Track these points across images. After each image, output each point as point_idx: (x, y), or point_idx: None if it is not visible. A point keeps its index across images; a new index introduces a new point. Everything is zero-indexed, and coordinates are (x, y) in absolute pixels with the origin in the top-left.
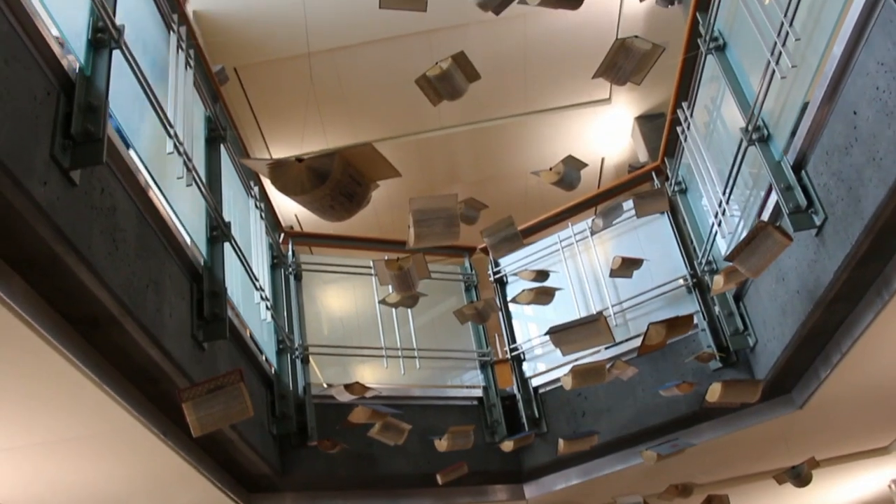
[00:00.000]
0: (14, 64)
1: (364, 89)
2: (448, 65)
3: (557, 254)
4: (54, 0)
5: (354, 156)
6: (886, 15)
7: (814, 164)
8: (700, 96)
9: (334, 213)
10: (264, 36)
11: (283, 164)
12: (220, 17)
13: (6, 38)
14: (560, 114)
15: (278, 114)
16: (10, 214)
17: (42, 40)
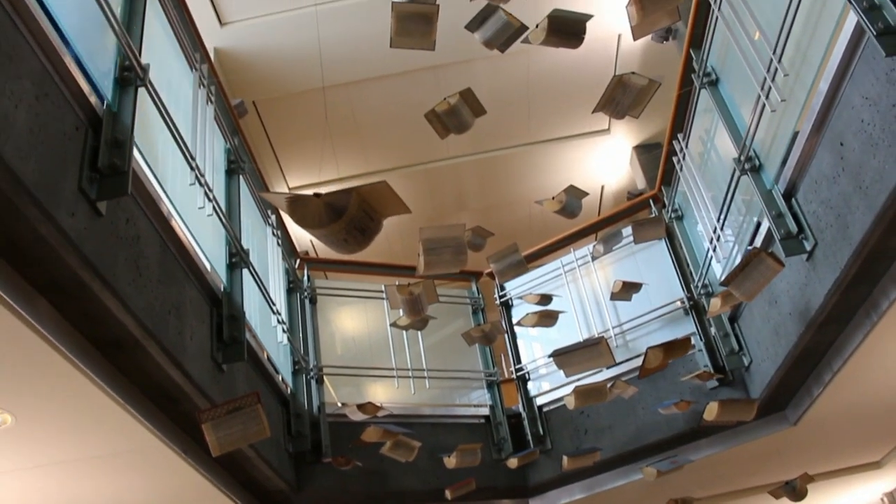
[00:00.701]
0: (45, 101)
1: (376, 121)
2: (455, 100)
3: (560, 278)
4: (84, 40)
5: (370, 192)
6: (869, 52)
7: (803, 192)
8: (694, 128)
9: (347, 247)
10: (281, 71)
11: (301, 198)
12: (239, 54)
13: (38, 77)
14: (561, 144)
15: (294, 145)
16: (40, 243)
17: (72, 78)
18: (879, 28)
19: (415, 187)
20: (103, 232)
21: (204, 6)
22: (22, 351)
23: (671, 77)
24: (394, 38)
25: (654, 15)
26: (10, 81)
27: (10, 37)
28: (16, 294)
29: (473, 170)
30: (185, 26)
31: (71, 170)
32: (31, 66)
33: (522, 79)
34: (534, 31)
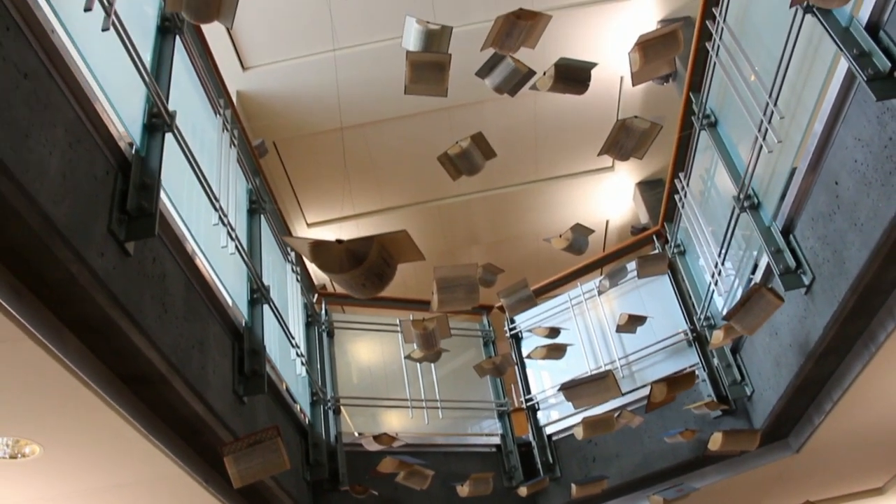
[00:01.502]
0: (77, 147)
1: (391, 160)
2: (467, 144)
3: (568, 311)
4: (115, 88)
5: (390, 241)
6: (860, 96)
7: (801, 228)
8: (695, 167)
9: (364, 291)
10: (300, 113)
11: (323, 244)
12: (261, 96)
13: (72, 124)
14: (568, 181)
15: (313, 182)
16: (71, 283)
17: (103, 125)
18: (870, 74)
19: (428, 223)
20: (131, 271)
21: (227, 51)
22: (51, 385)
23: (672, 117)
24: (408, 86)
25: (654, 63)
26: (45, 129)
27: (45, 86)
28: (47, 331)
29: (484, 206)
30: (209, 73)
31: (101, 212)
32: (65, 113)
33: (530, 119)
34: (541, 78)
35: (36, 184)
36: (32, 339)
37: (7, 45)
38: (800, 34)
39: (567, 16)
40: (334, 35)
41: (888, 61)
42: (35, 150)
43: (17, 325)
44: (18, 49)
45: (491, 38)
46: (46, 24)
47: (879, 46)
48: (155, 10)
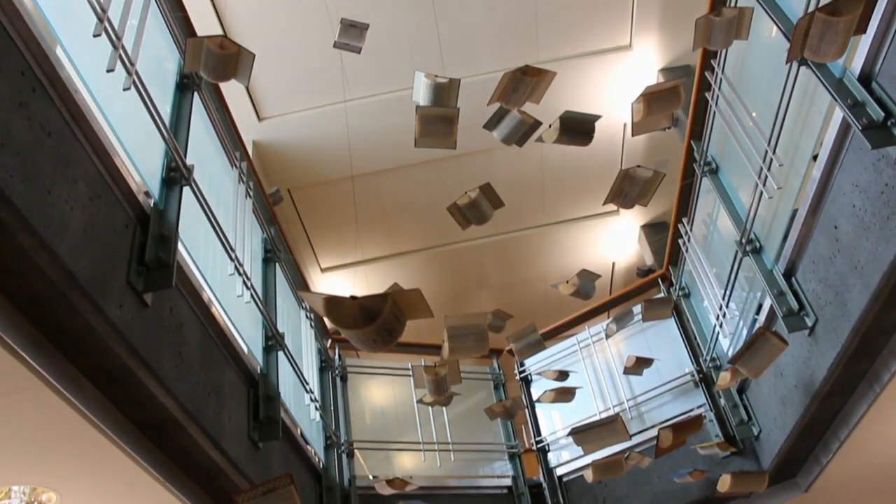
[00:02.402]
0: (98, 202)
1: (401, 206)
2: (476, 194)
3: (576, 354)
4: (135, 144)
5: (403, 298)
6: (856, 143)
7: (802, 271)
8: (698, 211)
9: (374, 346)
10: (314, 161)
11: (337, 300)
12: (276, 146)
13: (93, 179)
14: (574, 224)
15: (326, 228)
16: (90, 333)
17: (123, 180)
18: (864, 123)
19: (437, 267)
20: (149, 321)
21: (244, 103)
22: (68, 432)
23: (674, 161)
24: (418, 139)
25: (656, 115)
26: (67, 185)
27: (68, 143)
28: (64, 380)
29: (492, 250)
30: (226, 127)
31: (120, 264)
32: (87, 169)
33: (537, 165)
34: (546, 130)
35: (57, 238)
36: (50, 387)
37: (33, 105)
38: (795, 84)
39: (571, 65)
40: (346, 86)
41: (881, 111)
42: (57, 205)
43: (36, 374)
44: (43, 108)
45: (497, 93)
46: (70, 85)
47: (872, 96)
48: (175, 66)
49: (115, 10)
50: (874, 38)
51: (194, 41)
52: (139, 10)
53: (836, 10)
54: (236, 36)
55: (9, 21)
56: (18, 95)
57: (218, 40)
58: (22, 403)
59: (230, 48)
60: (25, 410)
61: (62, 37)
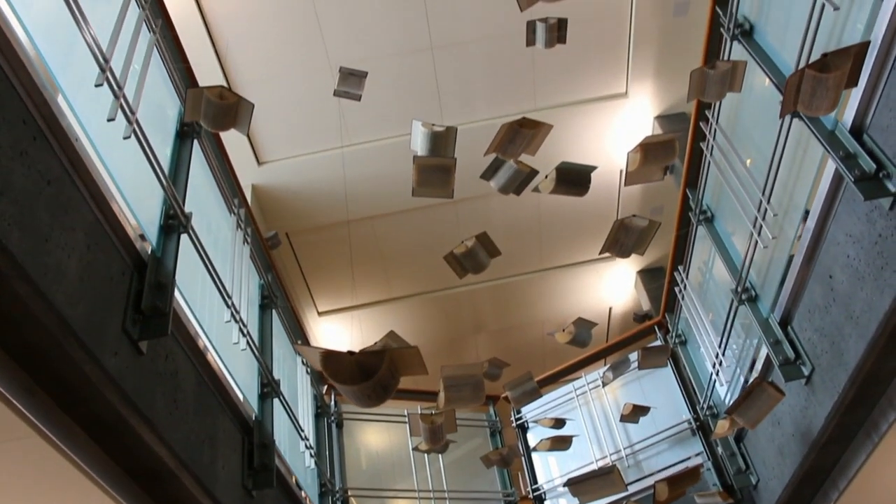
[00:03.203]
0: (95, 249)
1: (398, 251)
2: (472, 243)
3: (573, 401)
4: (133, 192)
5: (400, 356)
6: (849, 194)
7: (798, 320)
8: (694, 259)
9: (369, 402)
10: (312, 206)
11: (334, 355)
12: (274, 190)
13: (91, 227)
14: (571, 270)
15: (323, 272)
16: (84, 382)
17: (120, 227)
18: (856, 175)
19: (434, 312)
20: (143, 369)
21: (243, 147)
22: (61, 482)
23: (671, 206)
24: (415, 189)
25: (650, 166)
26: (65, 233)
27: (67, 191)
28: (57, 428)
29: (489, 295)
30: (225, 174)
31: (116, 312)
32: (85, 216)
33: (534, 210)
34: (543, 181)
35: (53, 286)
36: (42, 436)
37: (33, 153)
38: (789, 135)
39: (568, 112)
40: (345, 132)
41: (873, 163)
42: (54, 253)
43: (28, 423)
44: (43, 157)
45: (494, 144)
46: (71, 133)
47: (864, 148)
48: (175, 113)
49: (117, 59)
50: (864, 91)
51: (194, 92)
52: (141, 56)
53: (825, 67)
54: (237, 82)
55: (11, 69)
56: (19, 144)
57: (217, 90)
58: (14, 452)
59: (230, 98)
60: (15, 459)
61: (64, 85)
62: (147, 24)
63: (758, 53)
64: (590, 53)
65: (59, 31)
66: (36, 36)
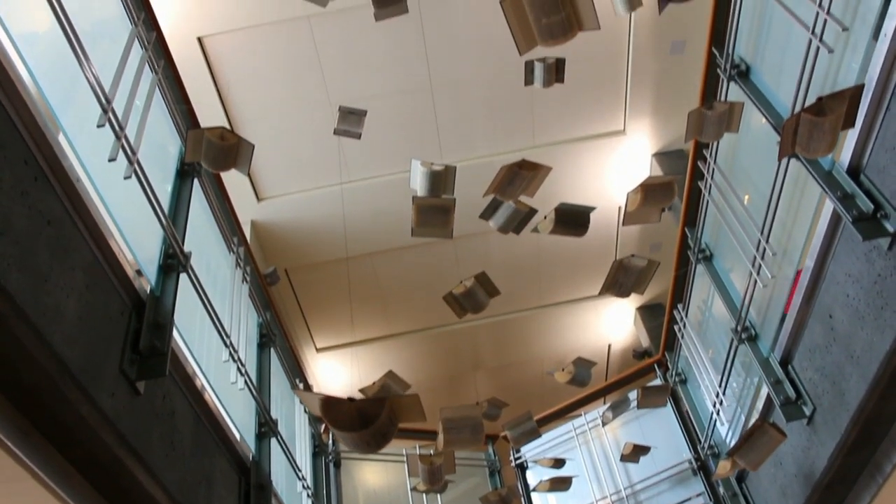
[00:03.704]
0: (94, 289)
1: (397, 287)
2: (471, 283)
3: (572, 440)
4: (133, 231)
5: (400, 404)
6: (847, 234)
7: (799, 360)
8: (693, 297)
9: (368, 449)
10: (311, 242)
11: (335, 402)
12: (274, 226)
13: (90, 266)
14: (570, 306)
15: (322, 308)
16: (80, 423)
17: (119, 266)
18: (854, 215)
19: (433, 348)
20: (140, 410)
21: (243, 183)
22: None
23: (669, 243)
24: (415, 229)
25: (648, 207)
26: (64, 273)
27: (67, 231)
28: (51, 470)
29: (488, 332)
30: (225, 213)
31: (113, 352)
32: (84, 256)
33: (533, 247)
34: (542, 222)
35: (52, 327)
36: (36, 478)
37: (34, 194)
38: (787, 174)
39: (566, 149)
40: (344, 168)
41: (870, 203)
42: (53, 293)
43: (22, 465)
44: (44, 197)
45: (493, 185)
46: (72, 174)
47: (861, 188)
48: (176, 151)
49: (119, 98)
50: (861, 131)
51: (195, 133)
52: (143, 95)
53: (821, 111)
54: (238, 119)
55: (14, 109)
56: (20, 184)
57: (218, 131)
58: (7, 495)
59: (230, 139)
60: (8, 501)
61: (65, 124)
62: (150, 65)
63: (754, 94)
64: (588, 91)
65: (61, 70)
66: (39, 75)
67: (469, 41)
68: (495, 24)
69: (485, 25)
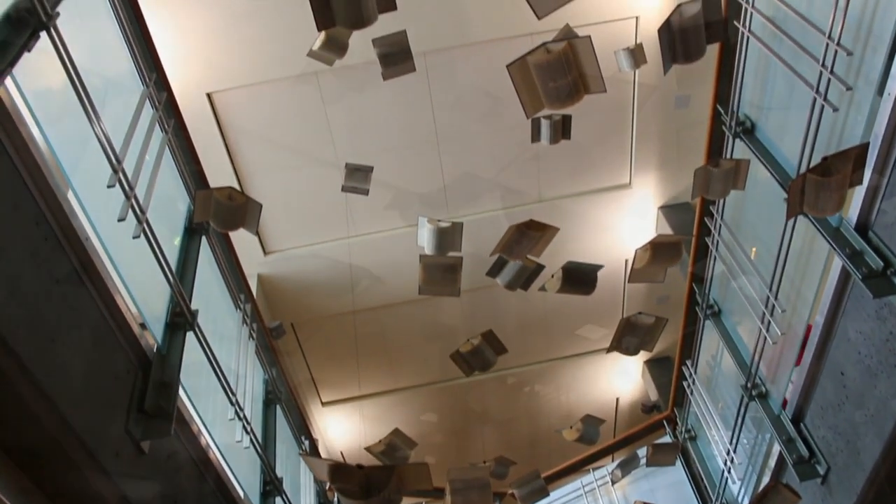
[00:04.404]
0: (101, 348)
1: (404, 341)
2: (478, 342)
3: (581, 499)
4: (141, 289)
5: (408, 472)
6: (857, 291)
7: (811, 417)
8: (702, 352)
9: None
10: (318, 295)
11: (343, 468)
12: (280, 280)
13: (97, 325)
14: (578, 360)
15: (328, 362)
16: (83, 484)
17: (127, 325)
18: (864, 272)
19: (439, 403)
20: (145, 469)
21: (250, 238)
22: None
23: (676, 295)
24: (422, 287)
25: (655, 266)
26: (71, 332)
27: (75, 290)
28: None
29: (495, 386)
30: (232, 269)
31: (119, 412)
32: (92, 315)
33: (539, 300)
34: (549, 280)
35: (58, 387)
36: None
37: (44, 254)
38: (794, 230)
39: (572, 203)
40: (351, 222)
41: (880, 260)
42: (60, 353)
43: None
44: (54, 257)
45: (500, 245)
46: (81, 233)
47: (870, 245)
48: (185, 208)
49: (129, 157)
50: (868, 188)
51: (203, 194)
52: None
53: (826, 171)
54: (245, 173)
55: (27, 170)
56: (31, 245)
57: (227, 192)
58: None
59: (238, 200)
60: None
61: (76, 184)
62: (160, 125)
63: (760, 150)
64: (593, 145)
65: (73, 129)
66: (50, 135)
67: (475, 97)
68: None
69: (491, 82)
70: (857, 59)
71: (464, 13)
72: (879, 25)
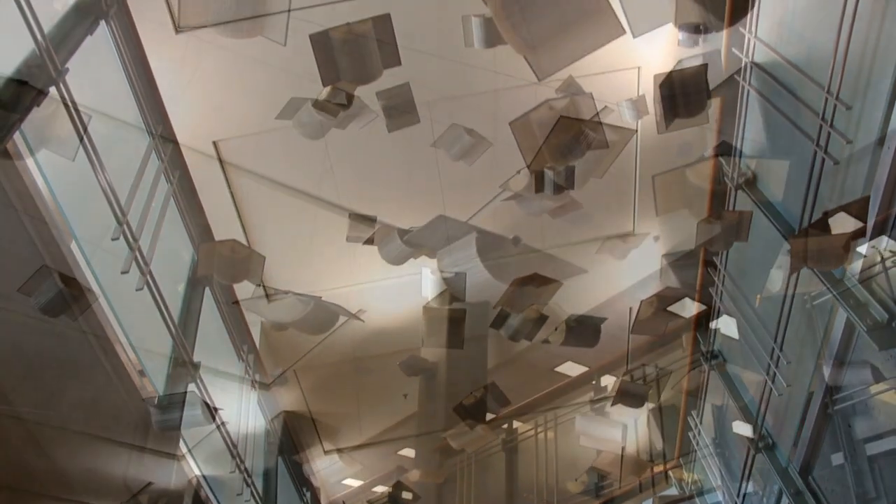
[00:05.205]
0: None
1: (408, 387)
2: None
3: None
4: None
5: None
6: (862, 343)
7: (819, 470)
8: (707, 402)
9: None
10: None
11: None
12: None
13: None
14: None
15: (330, 409)
16: None
17: (128, 377)
18: (869, 324)
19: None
20: None
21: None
22: None
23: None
24: (426, 339)
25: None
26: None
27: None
28: None
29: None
30: (235, 321)
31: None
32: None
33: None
34: (553, 333)
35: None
36: None
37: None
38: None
39: (576, 251)
40: (356, 270)
41: (885, 312)
42: (57, 409)
43: None
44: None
45: (504, 298)
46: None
47: (874, 297)
48: (189, 258)
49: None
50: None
51: (206, 247)
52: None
53: (828, 226)
54: (250, 223)
55: (33, 227)
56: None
57: (230, 245)
58: None
59: (241, 253)
60: None
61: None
62: (165, 176)
63: (762, 202)
64: (596, 193)
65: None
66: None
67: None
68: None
69: (495, 130)
70: (857, 111)
71: (467, 64)
72: (877, 79)
